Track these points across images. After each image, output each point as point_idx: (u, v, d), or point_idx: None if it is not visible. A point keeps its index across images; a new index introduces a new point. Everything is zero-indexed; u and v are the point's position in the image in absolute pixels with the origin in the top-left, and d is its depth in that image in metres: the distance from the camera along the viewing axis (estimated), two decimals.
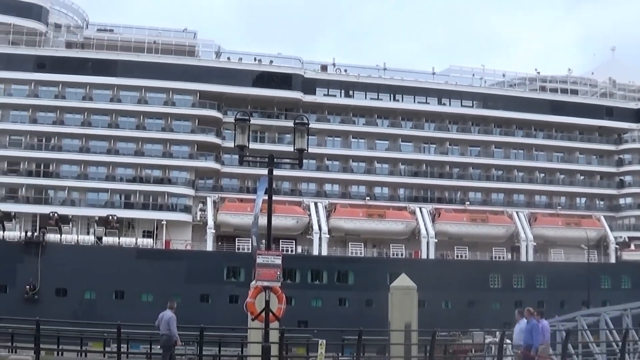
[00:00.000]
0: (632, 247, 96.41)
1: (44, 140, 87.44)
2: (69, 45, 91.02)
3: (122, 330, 33.26)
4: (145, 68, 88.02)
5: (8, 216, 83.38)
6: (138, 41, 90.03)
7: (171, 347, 29.25)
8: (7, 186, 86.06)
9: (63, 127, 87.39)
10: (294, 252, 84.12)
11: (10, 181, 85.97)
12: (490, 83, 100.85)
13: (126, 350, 37.05)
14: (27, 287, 77.98)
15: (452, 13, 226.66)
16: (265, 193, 31.28)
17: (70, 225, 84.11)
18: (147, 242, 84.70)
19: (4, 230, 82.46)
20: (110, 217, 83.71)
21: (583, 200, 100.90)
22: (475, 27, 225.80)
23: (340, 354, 46.39)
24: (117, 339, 33.02)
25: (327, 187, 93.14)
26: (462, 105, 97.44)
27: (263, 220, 30.72)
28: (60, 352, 41.11)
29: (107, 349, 41.81)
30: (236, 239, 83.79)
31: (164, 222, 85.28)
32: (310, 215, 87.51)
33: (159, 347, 31.90)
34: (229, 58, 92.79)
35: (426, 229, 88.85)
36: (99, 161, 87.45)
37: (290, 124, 32.08)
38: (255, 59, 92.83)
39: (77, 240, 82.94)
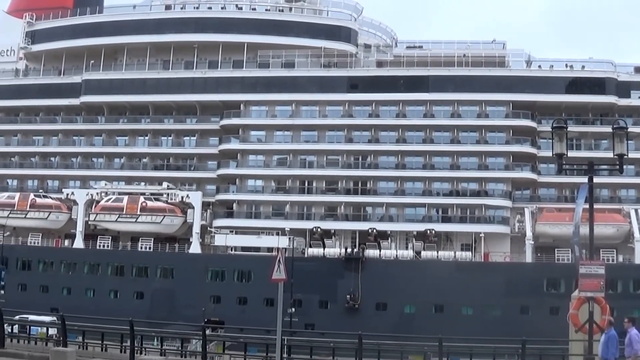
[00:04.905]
0: None
1: (360, 159, 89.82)
2: (380, 64, 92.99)
3: (443, 344, 33.33)
4: (456, 82, 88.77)
5: (328, 233, 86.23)
6: (447, 55, 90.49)
7: None
8: (326, 204, 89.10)
9: (378, 145, 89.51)
10: (614, 262, 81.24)
11: (330, 199, 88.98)
12: None
13: None
14: (348, 296, 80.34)
15: None
16: (585, 201, 30.50)
17: (389, 240, 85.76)
18: (466, 255, 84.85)
19: (324, 247, 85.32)
20: (429, 232, 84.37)
21: None
22: None
23: None
24: (438, 353, 33.14)
25: None
26: None
27: (584, 230, 29.92)
28: None
29: None
30: (555, 249, 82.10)
31: (482, 235, 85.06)
32: (630, 222, 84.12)
33: None
34: (539, 66, 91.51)
35: None
36: (415, 176, 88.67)
37: (606, 129, 31.28)
38: (566, 65, 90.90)
39: (396, 255, 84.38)
